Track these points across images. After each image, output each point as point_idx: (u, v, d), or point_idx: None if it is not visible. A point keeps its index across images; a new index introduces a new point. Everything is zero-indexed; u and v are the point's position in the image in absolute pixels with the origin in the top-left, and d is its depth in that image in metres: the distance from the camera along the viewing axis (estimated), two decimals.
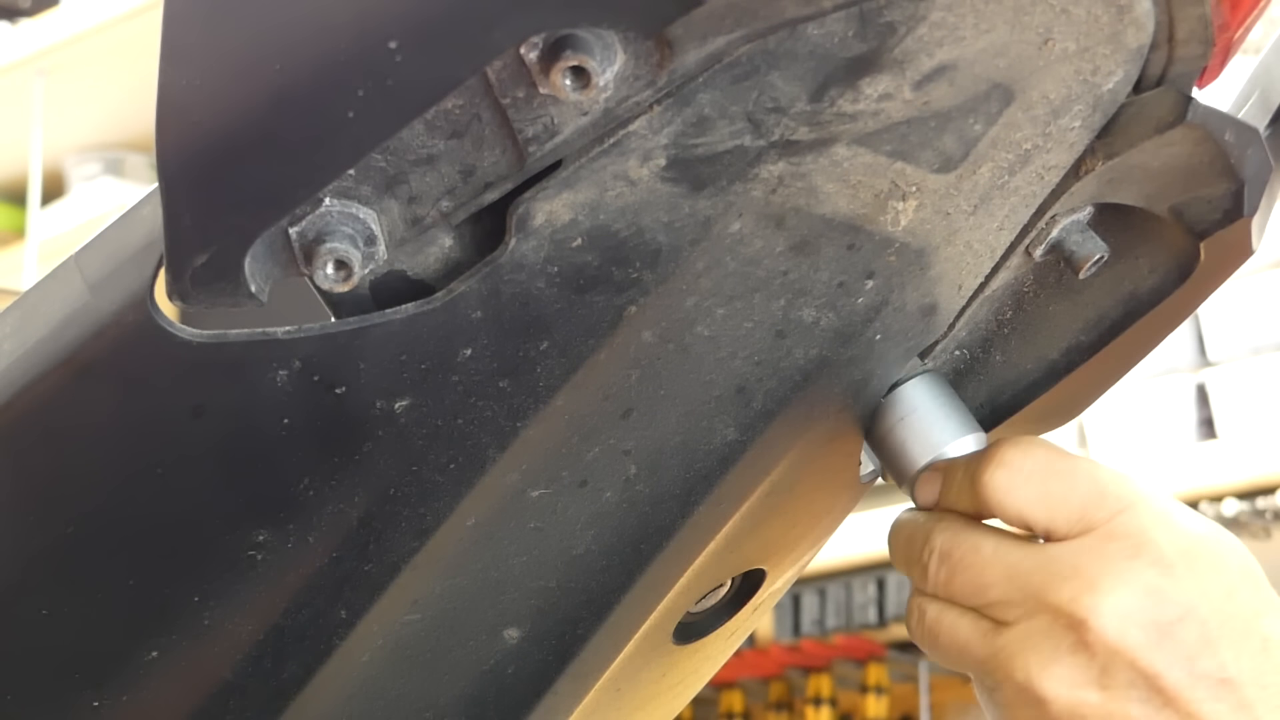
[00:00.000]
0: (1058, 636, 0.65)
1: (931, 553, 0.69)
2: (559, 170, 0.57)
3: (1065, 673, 0.65)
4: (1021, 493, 0.67)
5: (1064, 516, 0.66)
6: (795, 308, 0.64)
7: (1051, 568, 0.66)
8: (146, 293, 0.56)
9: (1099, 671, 0.64)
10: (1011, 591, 0.66)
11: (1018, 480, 0.67)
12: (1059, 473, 0.67)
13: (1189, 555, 0.66)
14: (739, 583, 0.80)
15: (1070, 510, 0.66)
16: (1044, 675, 0.65)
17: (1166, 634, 0.64)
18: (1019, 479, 0.67)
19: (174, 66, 0.53)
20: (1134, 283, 0.71)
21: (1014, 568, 0.67)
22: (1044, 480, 0.67)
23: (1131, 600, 0.64)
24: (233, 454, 0.59)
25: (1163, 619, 0.64)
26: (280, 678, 0.65)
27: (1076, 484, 0.67)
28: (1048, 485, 0.67)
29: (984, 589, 0.67)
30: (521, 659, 0.71)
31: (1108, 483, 0.67)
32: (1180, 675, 0.64)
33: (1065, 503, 0.67)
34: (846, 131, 0.59)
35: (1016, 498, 0.67)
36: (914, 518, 0.71)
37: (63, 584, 0.61)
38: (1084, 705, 0.64)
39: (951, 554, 0.68)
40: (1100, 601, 0.64)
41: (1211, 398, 2.21)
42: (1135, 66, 0.60)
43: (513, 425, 0.62)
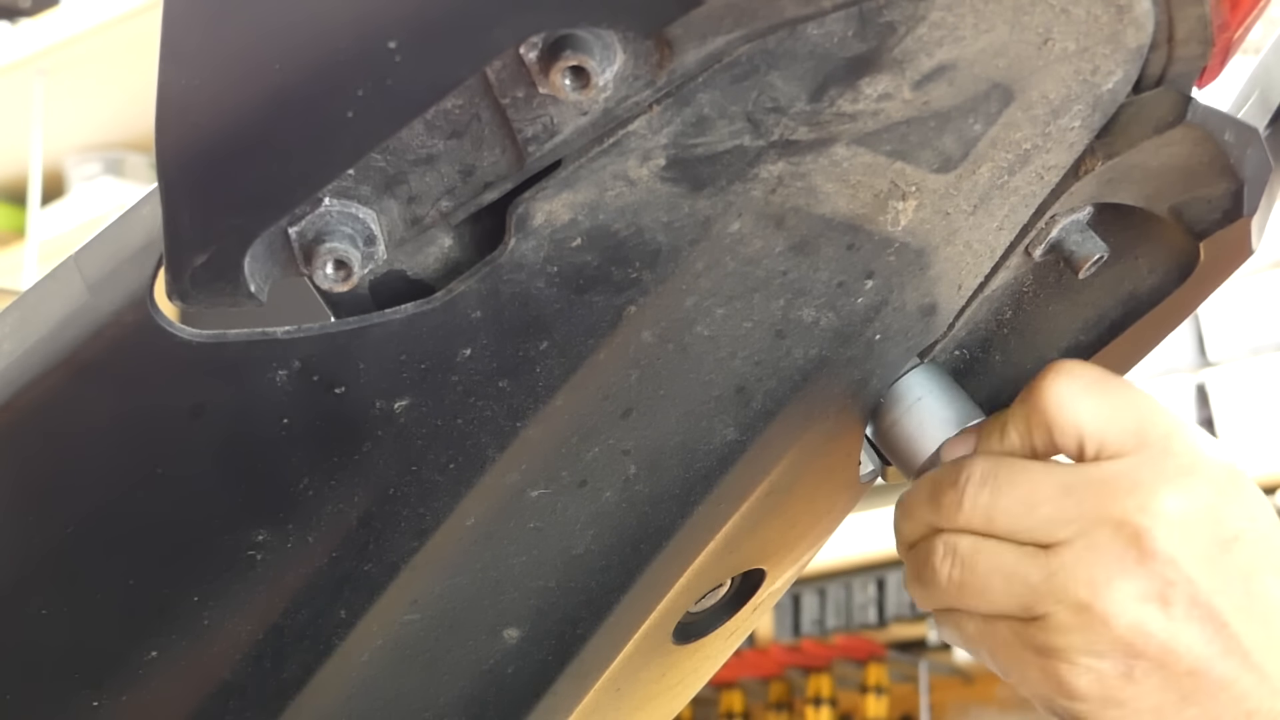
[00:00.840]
0: (1121, 549, 0.63)
1: (969, 479, 0.66)
2: (558, 170, 0.57)
3: (1130, 587, 0.63)
4: (1082, 403, 0.66)
5: (1119, 430, 0.65)
6: (795, 308, 0.64)
7: (1110, 482, 0.64)
8: (146, 293, 0.56)
9: (1162, 585, 0.63)
10: (1066, 506, 0.65)
11: (1078, 389, 0.66)
12: (1116, 389, 0.67)
13: (1235, 480, 0.65)
14: (738, 583, 0.80)
15: (1126, 425, 0.65)
16: (1108, 590, 0.63)
17: (1224, 552, 0.64)
18: (1077, 389, 0.66)
19: (174, 66, 0.53)
20: (1134, 283, 0.71)
21: (1067, 483, 0.65)
22: (1103, 394, 0.66)
23: (1192, 515, 0.64)
24: (232, 454, 0.59)
25: (1220, 537, 0.64)
26: (280, 677, 0.65)
27: (1132, 402, 0.66)
28: (1107, 398, 0.66)
29: (1034, 506, 0.65)
30: (521, 659, 0.71)
31: (1156, 405, 0.66)
32: (1237, 595, 0.64)
33: (1122, 417, 0.66)
34: (846, 131, 0.59)
35: (1077, 407, 0.66)
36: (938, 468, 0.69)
37: (62, 584, 0.61)
38: (1148, 622, 0.63)
39: (996, 474, 0.66)
40: (1162, 511, 0.63)
41: (1211, 398, 2.21)
42: (1135, 66, 0.60)
43: (512, 425, 0.62)
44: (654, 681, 0.82)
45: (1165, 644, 0.64)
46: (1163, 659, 0.64)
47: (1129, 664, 0.64)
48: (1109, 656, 0.64)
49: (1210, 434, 2.17)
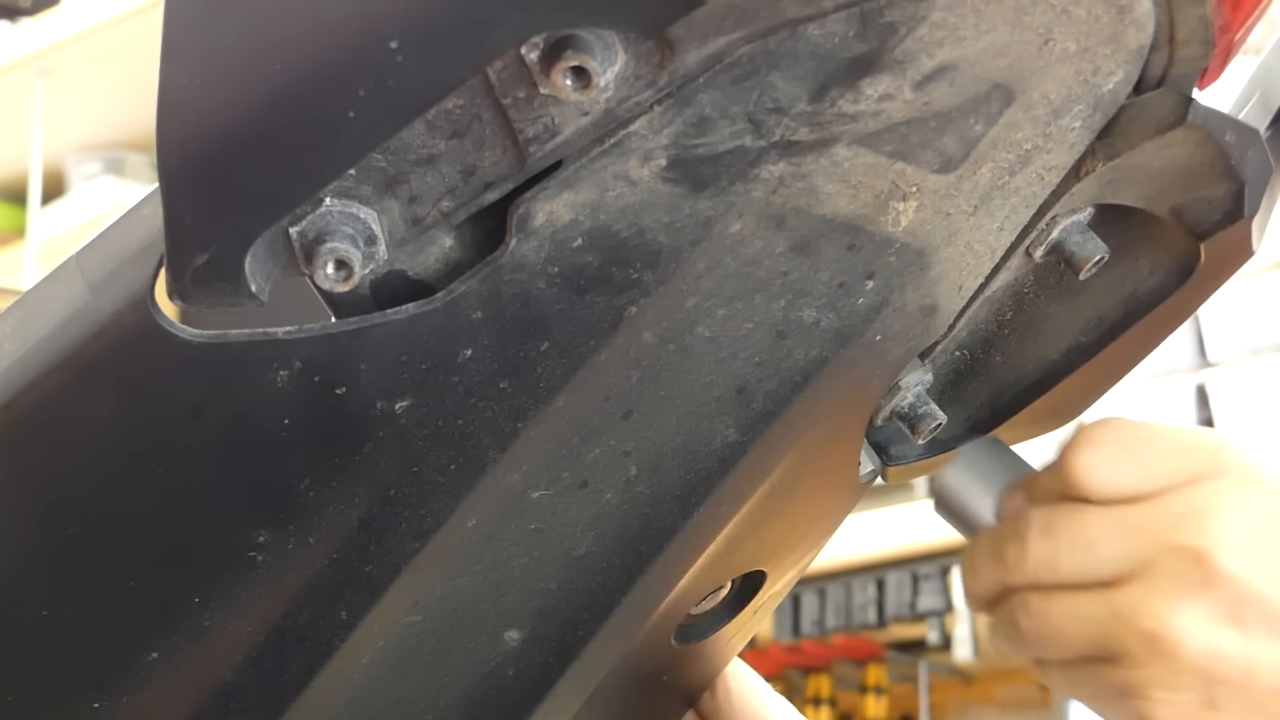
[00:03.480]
0: (1184, 574, 0.62)
1: (1029, 529, 0.65)
2: (559, 170, 0.57)
3: (1198, 610, 0.62)
4: (1115, 466, 0.65)
5: (1163, 474, 0.64)
6: (796, 308, 0.64)
7: (1166, 511, 0.63)
8: (147, 293, 0.56)
9: (1232, 605, 0.62)
10: (1125, 543, 0.63)
11: (1107, 454, 0.65)
12: (1144, 438, 0.65)
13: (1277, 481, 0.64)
14: (739, 584, 0.80)
15: (1167, 467, 0.64)
16: (1175, 617, 0.62)
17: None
18: (1107, 453, 0.65)
19: (174, 66, 0.53)
20: (1134, 284, 0.71)
21: (1125, 520, 0.64)
22: (1134, 449, 0.65)
23: (1253, 529, 0.62)
24: (233, 454, 0.59)
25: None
26: (280, 679, 0.65)
27: (1164, 443, 0.65)
28: (1139, 452, 0.65)
29: (1094, 547, 0.64)
30: (522, 660, 0.71)
31: (1193, 435, 0.65)
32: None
33: (1161, 462, 0.64)
34: (847, 132, 0.59)
35: (1112, 473, 0.65)
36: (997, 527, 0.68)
37: (63, 585, 0.61)
38: (1222, 645, 0.62)
39: (1054, 524, 0.65)
40: (1221, 529, 0.62)
41: (1211, 398, 2.21)
42: (1135, 67, 0.60)
43: (513, 426, 0.62)
44: (654, 683, 0.82)
45: (1244, 666, 0.62)
46: (1244, 681, 0.62)
47: (1209, 692, 0.62)
48: (1186, 687, 0.62)
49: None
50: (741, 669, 0.87)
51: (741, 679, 0.86)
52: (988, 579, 0.68)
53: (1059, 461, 0.67)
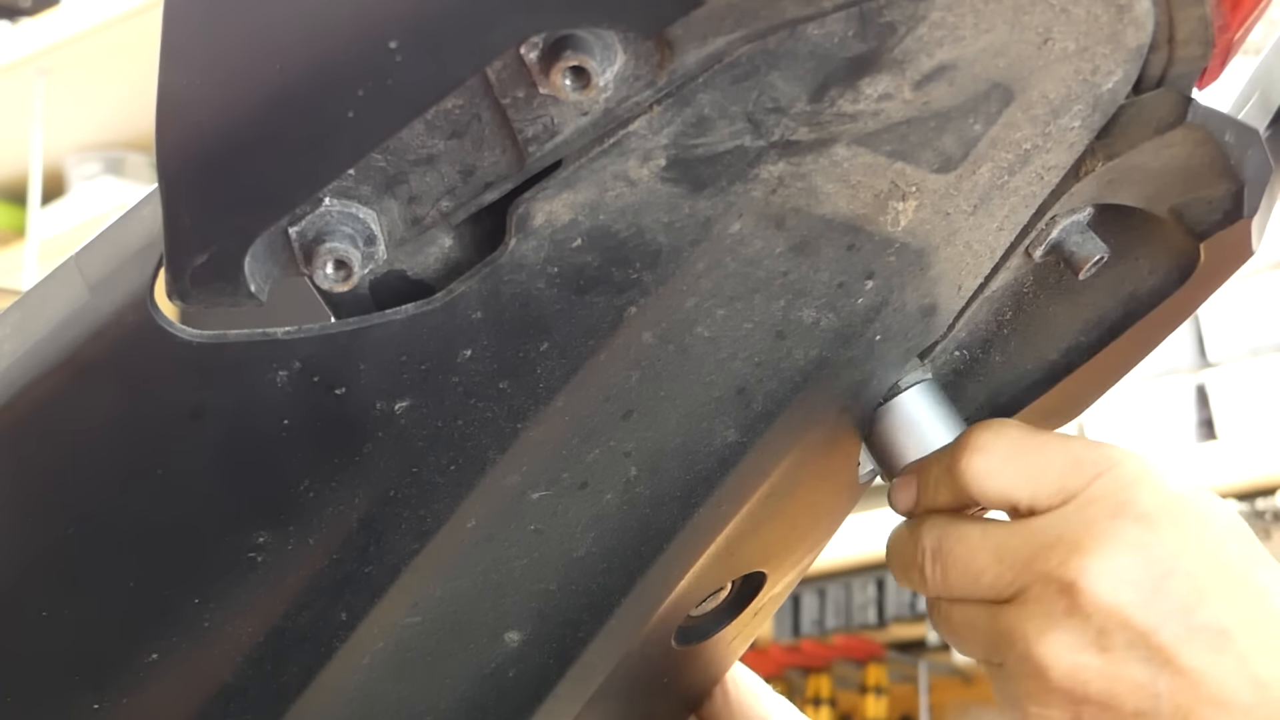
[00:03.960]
0: (1051, 603, 0.65)
1: (924, 553, 0.69)
2: (559, 170, 0.57)
3: (1063, 638, 0.64)
4: (1000, 474, 0.67)
5: (1045, 490, 0.66)
6: (795, 308, 0.64)
7: (1037, 538, 0.66)
8: (146, 293, 0.56)
9: (1095, 634, 0.64)
10: (1003, 570, 0.66)
11: (994, 462, 0.67)
12: (1033, 448, 0.67)
13: (1172, 511, 0.65)
14: (739, 586, 0.80)
15: (1049, 482, 0.66)
16: (1042, 643, 0.64)
17: (1158, 589, 0.64)
18: (995, 461, 0.67)
19: (174, 66, 0.53)
20: (1134, 284, 0.71)
21: (1001, 546, 0.67)
22: (1020, 458, 0.67)
23: (1119, 558, 0.64)
24: (232, 455, 0.59)
25: (1153, 574, 0.64)
26: (280, 680, 0.65)
27: (1051, 456, 0.67)
28: (1024, 462, 0.67)
29: (977, 574, 0.67)
30: (522, 662, 0.71)
31: (1082, 450, 0.67)
32: (1176, 629, 0.63)
33: (1044, 476, 0.66)
34: (846, 132, 0.59)
35: (996, 480, 0.67)
36: (901, 529, 0.71)
37: (63, 585, 0.61)
38: (1084, 670, 0.64)
39: (940, 549, 0.68)
40: (1087, 562, 0.64)
41: (1211, 398, 2.21)
42: (1135, 66, 0.60)
43: (513, 427, 0.62)
44: (655, 684, 0.82)
45: (1106, 689, 0.64)
46: (1107, 703, 0.64)
47: (1075, 710, 0.64)
48: (1054, 705, 0.65)
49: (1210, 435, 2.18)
50: (741, 671, 0.87)
51: (741, 681, 0.87)
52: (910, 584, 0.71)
53: (948, 459, 0.68)
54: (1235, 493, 2.11)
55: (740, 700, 0.86)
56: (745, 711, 0.86)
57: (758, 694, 0.87)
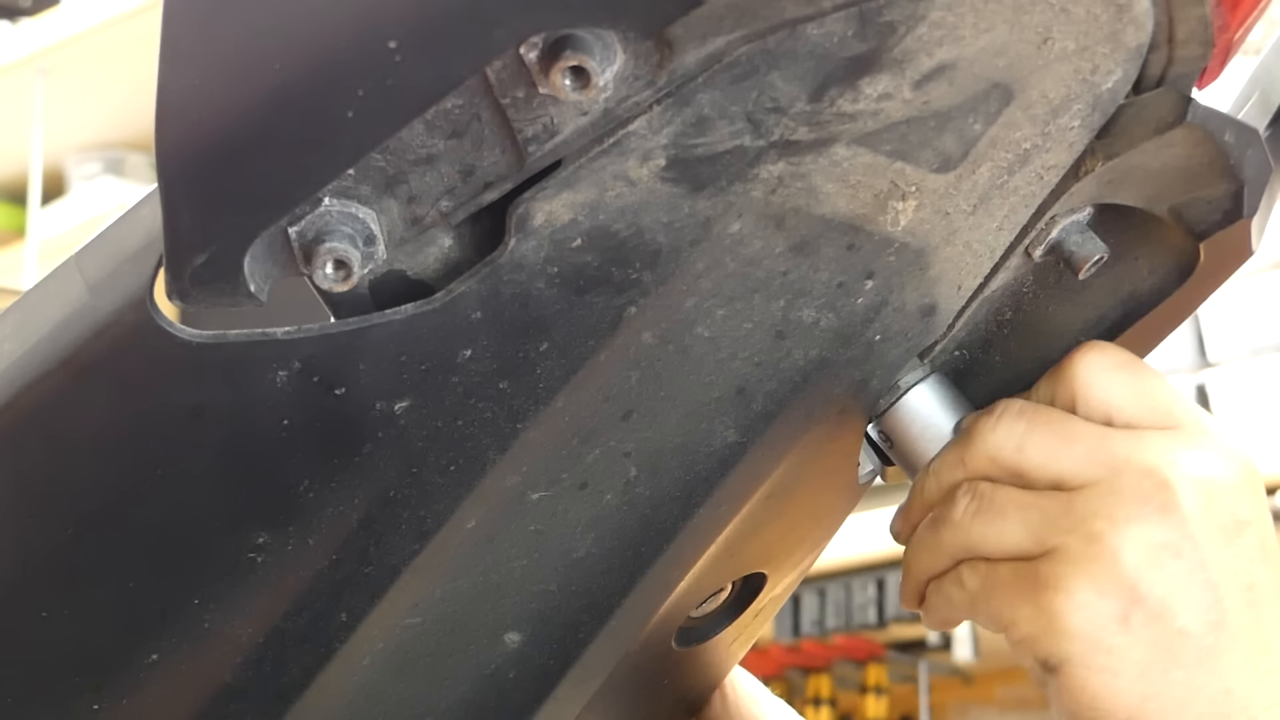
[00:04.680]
0: (1146, 495, 0.64)
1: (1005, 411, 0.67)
2: (559, 170, 0.57)
3: (1146, 530, 0.63)
4: (1111, 380, 0.67)
5: (1148, 409, 0.66)
6: (795, 308, 0.64)
7: (1141, 441, 0.65)
8: (146, 293, 0.56)
9: (1182, 538, 0.63)
10: (1100, 449, 0.65)
11: (1108, 367, 0.67)
12: (1146, 372, 0.67)
13: (1252, 472, 0.66)
14: (739, 587, 0.79)
15: (1156, 405, 0.66)
16: (1126, 527, 0.63)
17: (1238, 532, 0.64)
18: (1109, 366, 0.67)
19: (174, 66, 0.53)
20: (1133, 283, 0.71)
21: (1100, 435, 0.65)
22: (1133, 375, 0.67)
23: (1215, 489, 0.64)
24: (232, 455, 0.59)
25: (1237, 517, 0.64)
26: (280, 681, 0.65)
27: (1162, 386, 0.67)
28: (1137, 380, 0.67)
29: (1070, 443, 0.65)
30: (522, 663, 0.71)
31: (1183, 395, 0.67)
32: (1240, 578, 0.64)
33: (1151, 398, 0.66)
34: (846, 131, 0.59)
35: (1107, 384, 0.67)
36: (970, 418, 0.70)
37: (62, 586, 0.61)
38: (1155, 570, 0.63)
39: (1034, 413, 0.67)
40: (1191, 475, 0.64)
41: (1211, 398, 2.21)
42: (1134, 66, 0.60)
43: (513, 427, 0.62)
44: (654, 686, 0.82)
45: (1166, 597, 0.63)
46: (1161, 612, 0.63)
47: (1127, 609, 0.63)
48: (1110, 595, 0.63)
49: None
50: (740, 674, 0.87)
51: (740, 684, 0.87)
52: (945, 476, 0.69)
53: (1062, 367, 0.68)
54: None
55: (739, 704, 0.86)
56: (744, 715, 0.86)
57: (757, 698, 0.87)
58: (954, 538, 0.68)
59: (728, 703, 0.86)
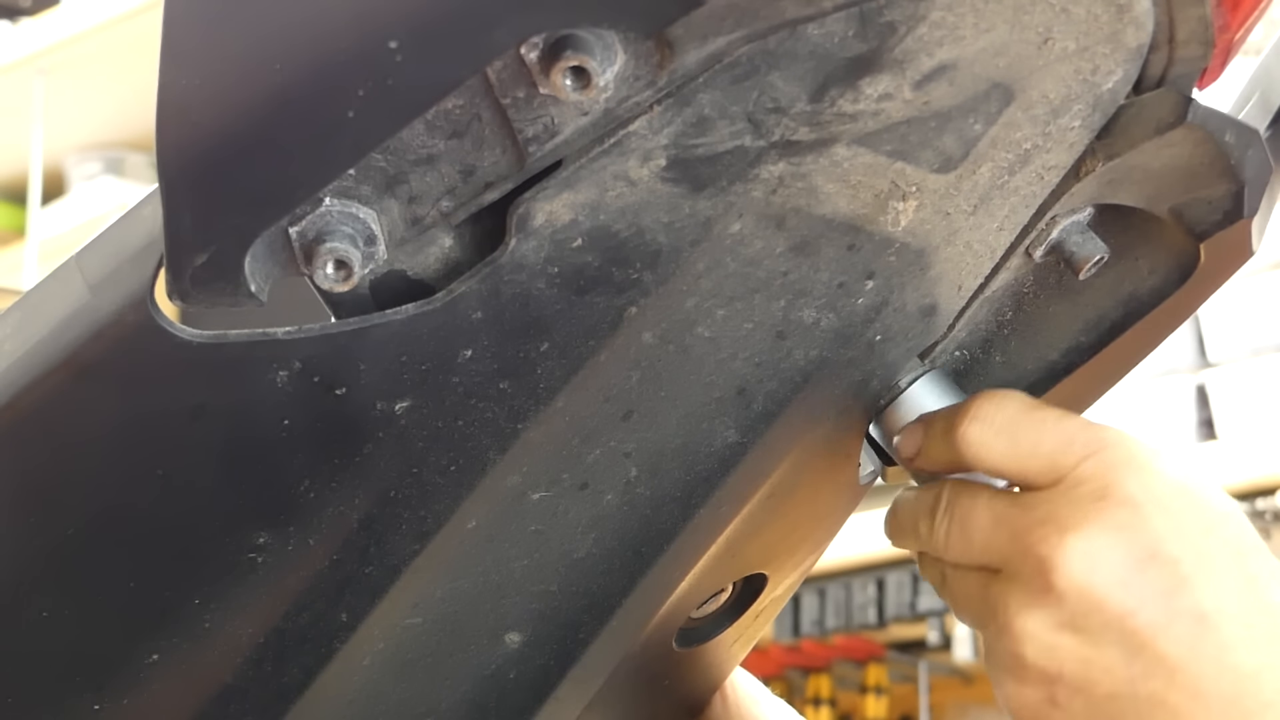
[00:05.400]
0: (1031, 580, 0.64)
1: (940, 505, 0.69)
2: (559, 170, 0.57)
3: (1040, 615, 0.64)
4: (993, 445, 0.67)
5: (1035, 467, 0.66)
6: (795, 309, 0.64)
7: (1027, 514, 0.66)
8: (146, 293, 0.56)
9: (1071, 614, 0.64)
10: (997, 539, 0.66)
11: (989, 433, 0.67)
12: (1029, 423, 0.67)
13: (1160, 495, 0.64)
14: (740, 588, 0.79)
15: (1040, 460, 0.66)
16: (1020, 618, 0.64)
17: (1138, 572, 0.63)
18: (990, 432, 0.67)
19: (174, 66, 0.53)
20: (1134, 284, 0.71)
21: (1000, 516, 0.67)
22: (1014, 432, 0.67)
23: (1098, 539, 0.64)
24: (233, 455, 0.59)
25: (1133, 557, 0.63)
26: (281, 681, 0.65)
27: (1044, 434, 0.67)
28: (1018, 437, 0.67)
29: (974, 538, 0.67)
30: (523, 663, 0.71)
31: (1076, 431, 0.66)
32: (1155, 613, 0.63)
33: (1035, 453, 0.66)
34: (847, 131, 0.59)
35: (989, 451, 0.67)
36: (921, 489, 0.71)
37: (63, 586, 0.61)
38: (1058, 649, 0.64)
39: (953, 504, 0.68)
40: (1067, 541, 0.64)
41: (1211, 398, 2.21)
42: (1135, 66, 0.60)
43: (513, 427, 0.62)
44: (657, 687, 0.82)
45: (1079, 670, 0.64)
46: (1080, 684, 0.64)
47: (1048, 689, 0.64)
48: (1029, 682, 0.65)
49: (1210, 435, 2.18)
50: (740, 675, 0.87)
51: (740, 685, 0.87)
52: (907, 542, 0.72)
53: (949, 420, 0.69)
54: (1235, 493, 2.11)
55: (740, 705, 0.87)
56: (745, 716, 0.86)
57: (757, 698, 0.87)
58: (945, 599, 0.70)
59: (728, 704, 0.86)
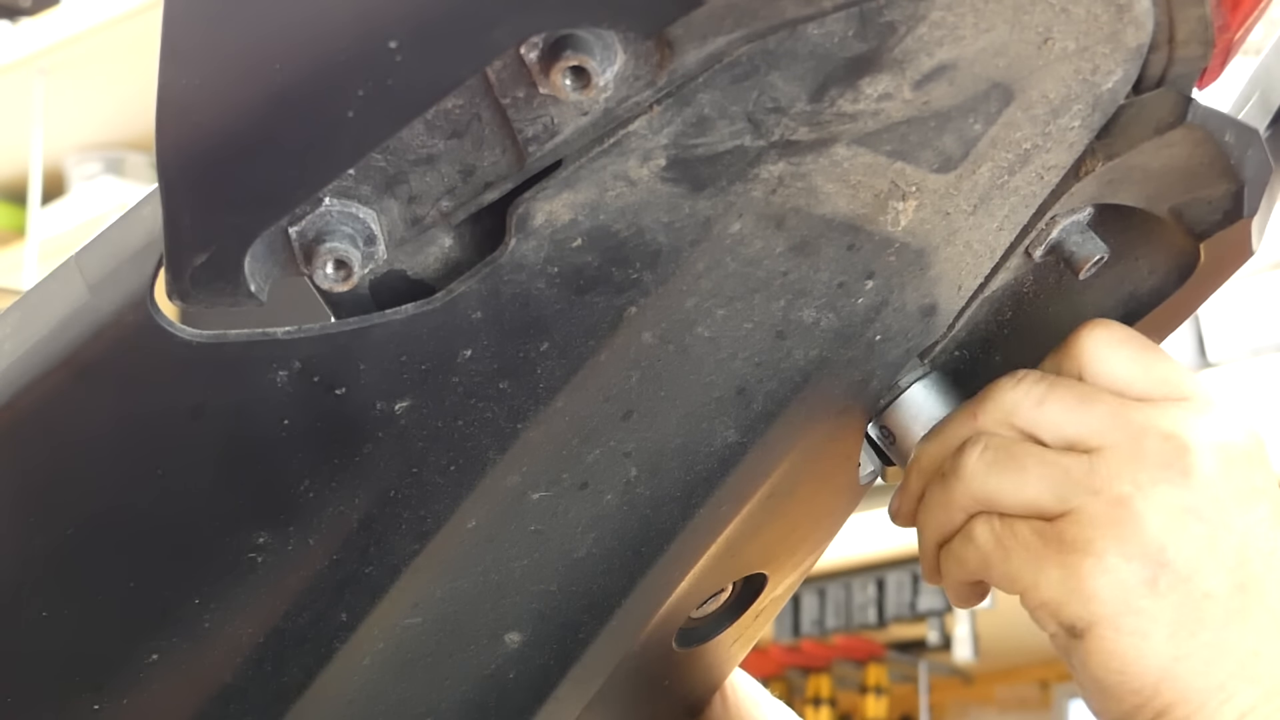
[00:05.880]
0: (1168, 459, 0.64)
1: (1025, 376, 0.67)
2: (559, 170, 0.57)
3: (1171, 494, 0.64)
4: (1117, 356, 0.66)
5: (1157, 384, 0.66)
6: (795, 308, 0.64)
7: (1158, 409, 0.65)
8: (146, 293, 0.56)
9: (1203, 501, 0.63)
10: (1119, 412, 0.65)
11: (1114, 343, 0.67)
12: (1151, 348, 0.67)
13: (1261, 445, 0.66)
14: (740, 588, 0.79)
15: (1165, 380, 0.66)
16: (1151, 490, 0.63)
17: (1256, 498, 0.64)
18: (1114, 342, 0.67)
19: (174, 66, 0.53)
20: (1134, 284, 0.71)
21: (1118, 403, 0.65)
22: (1140, 351, 0.67)
23: (1233, 456, 0.64)
24: (232, 455, 0.59)
25: (1254, 485, 0.64)
26: (281, 681, 0.65)
27: (1169, 362, 0.67)
28: (1144, 355, 0.67)
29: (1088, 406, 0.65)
30: (523, 663, 0.71)
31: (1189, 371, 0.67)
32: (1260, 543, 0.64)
33: (1159, 373, 0.66)
34: (846, 131, 0.59)
35: (1113, 359, 0.66)
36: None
37: (63, 586, 0.61)
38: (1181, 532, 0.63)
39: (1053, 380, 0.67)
40: (1209, 441, 0.64)
41: None
42: (1134, 66, 0.60)
43: (513, 427, 0.62)
44: (657, 688, 0.82)
45: (1192, 560, 0.63)
46: (1188, 575, 0.63)
47: (1155, 571, 0.63)
48: (1137, 559, 0.63)
49: None
50: (740, 676, 0.87)
51: (740, 686, 0.87)
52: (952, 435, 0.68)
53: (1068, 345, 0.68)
54: None
55: (739, 706, 0.86)
56: (744, 718, 0.86)
57: (756, 700, 0.87)
58: (966, 489, 0.67)
59: (728, 705, 0.86)
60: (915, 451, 0.70)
